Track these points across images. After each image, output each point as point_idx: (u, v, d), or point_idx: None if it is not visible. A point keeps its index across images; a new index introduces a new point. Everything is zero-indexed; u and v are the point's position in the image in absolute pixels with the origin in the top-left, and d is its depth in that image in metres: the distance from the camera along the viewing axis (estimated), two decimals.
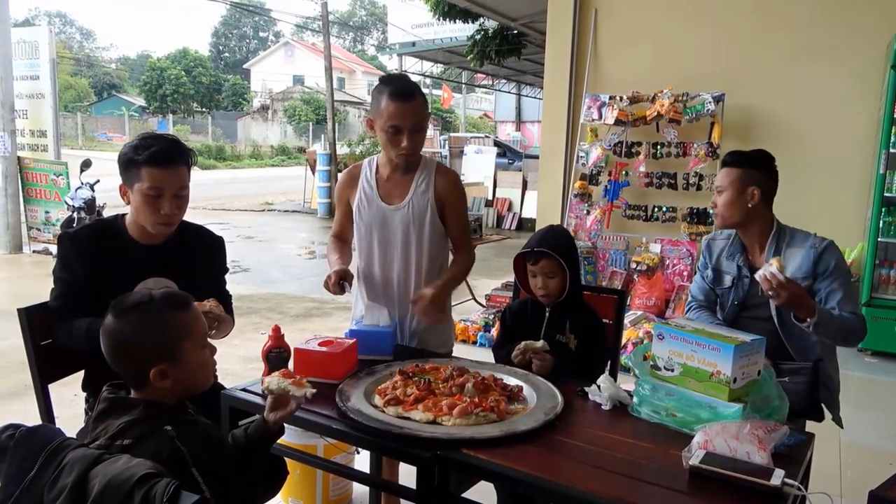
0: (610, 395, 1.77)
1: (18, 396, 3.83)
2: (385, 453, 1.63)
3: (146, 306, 1.37)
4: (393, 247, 2.30)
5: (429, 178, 2.30)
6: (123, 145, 2.00)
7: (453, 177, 2.38)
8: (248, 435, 1.57)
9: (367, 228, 2.33)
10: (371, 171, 2.35)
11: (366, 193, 2.33)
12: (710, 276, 2.43)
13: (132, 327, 1.36)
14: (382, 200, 2.30)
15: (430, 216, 2.28)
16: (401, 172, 2.30)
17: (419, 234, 2.28)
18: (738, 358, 1.59)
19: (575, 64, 5.80)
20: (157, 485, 1.05)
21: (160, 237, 2.03)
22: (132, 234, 2.02)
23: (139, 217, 1.98)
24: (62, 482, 1.13)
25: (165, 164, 1.92)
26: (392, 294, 2.32)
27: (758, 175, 2.27)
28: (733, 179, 2.27)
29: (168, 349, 1.37)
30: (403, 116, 2.15)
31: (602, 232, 5.60)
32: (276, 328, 1.86)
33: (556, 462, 1.50)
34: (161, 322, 1.37)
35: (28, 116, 8.50)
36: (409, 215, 2.28)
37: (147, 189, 1.91)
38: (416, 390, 1.73)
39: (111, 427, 1.28)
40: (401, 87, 2.18)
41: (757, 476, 1.36)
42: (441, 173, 2.33)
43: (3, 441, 1.21)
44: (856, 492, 2.08)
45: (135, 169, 1.92)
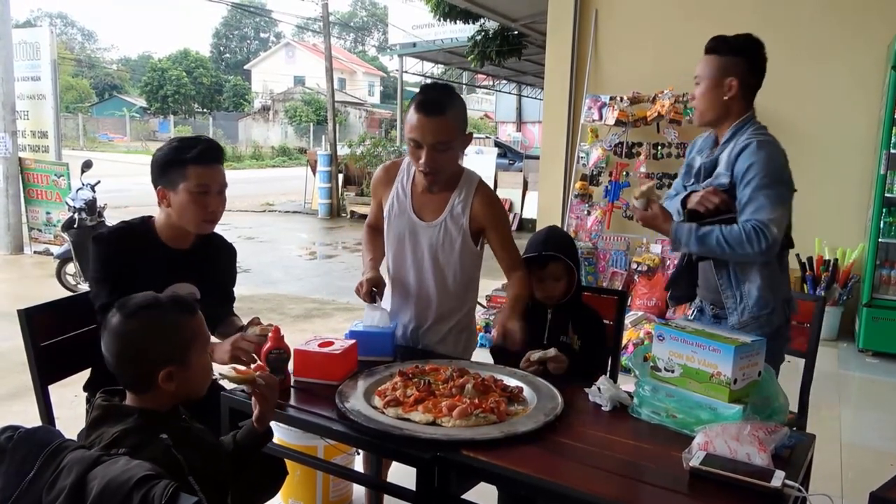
0: (610, 397, 1.77)
1: (19, 398, 3.83)
2: (385, 455, 1.63)
3: (157, 308, 1.38)
4: (417, 260, 2.21)
5: (467, 198, 2.15)
6: (159, 149, 2.04)
7: (492, 197, 2.22)
8: (237, 440, 1.57)
9: (395, 236, 2.23)
10: (408, 178, 2.21)
11: (398, 200, 2.21)
12: (682, 171, 2.31)
13: (145, 328, 1.36)
14: (415, 213, 2.19)
15: (461, 240, 2.15)
16: (438, 189, 2.15)
17: (448, 255, 2.17)
18: (738, 359, 1.58)
19: (575, 64, 5.80)
20: (155, 486, 1.05)
21: (188, 241, 2.08)
22: (162, 236, 2.05)
23: (184, 218, 2.00)
24: (61, 484, 1.13)
25: (211, 162, 1.99)
26: (411, 304, 2.26)
27: (739, 63, 2.05)
28: (711, 69, 2.07)
29: (178, 352, 1.38)
30: (423, 131, 1.98)
31: (602, 232, 5.60)
32: (276, 329, 1.86)
33: (557, 463, 1.50)
34: (173, 324, 1.39)
35: (29, 117, 8.51)
36: (439, 236, 2.16)
37: (195, 187, 1.96)
38: (416, 391, 1.73)
39: (105, 436, 1.28)
40: (429, 98, 2.00)
41: (757, 477, 1.35)
42: (480, 193, 2.17)
43: (1, 442, 1.20)
44: (856, 493, 2.07)
45: (179, 169, 1.96)
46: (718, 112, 2.09)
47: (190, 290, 2.06)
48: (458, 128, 2.05)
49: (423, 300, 2.24)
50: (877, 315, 4.84)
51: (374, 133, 24.34)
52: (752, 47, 2.08)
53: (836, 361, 4.77)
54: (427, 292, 2.23)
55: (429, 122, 1.98)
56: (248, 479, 1.54)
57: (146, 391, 1.37)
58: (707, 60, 2.08)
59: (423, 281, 2.22)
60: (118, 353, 1.36)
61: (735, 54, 2.05)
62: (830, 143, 5.05)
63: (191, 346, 1.40)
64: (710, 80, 2.06)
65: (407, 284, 2.25)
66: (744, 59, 2.06)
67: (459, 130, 2.06)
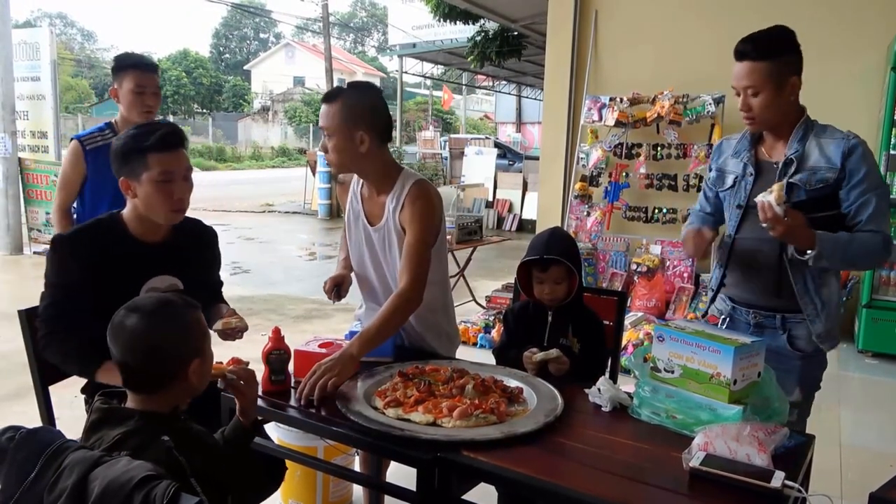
0: (610, 397, 1.77)
1: (19, 398, 3.83)
2: (385, 455, 1.63)
3: (172, 306, 1.41)
4: (376, 263, 2.24)
5: (399, 199, 2.12)
6: (117, 138, 1.93)
7: (416, 196, 2.10)
8: (225, 436, 1.58)
9: (355, 243, 2.27)
10: (359, 184, 2.25)
11: (353, 208, 2.26)
12: (713, 177, 2.20)
13: (172, 326, 1.39)
14: (366, 218, 2.22)
15: (397, 240, 2.14)
16: (376, 192, 2.17)
17: (392, 256, 2.17)
18: (738, 360, 1.59)
19: (575, 65, 5.80)
20: (156, 487, 1.05)
21: (161, 233, 1.98)
22: (133, 230, 1.95)
23: (151, 208, 1.90)
24: (62, 484, 1.13)
25: (172, 148, 1.89)
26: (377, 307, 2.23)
27: (793, 60, 1.96)
28: (769, 75, 1.93)
29: (200, 345, 1.43)
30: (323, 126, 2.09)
31: (602, 233, 5.60)
32: (276, 330, 1.86)
33: (557, 464, 1.50)
34: (192, 319, 1.43)
35: (29, 118, 8.50)
36: (383, 239, 2.18)
37: (158, 175, 1.86)
38: (416, 392, 1.73)
39: (106, 438, 1.28)
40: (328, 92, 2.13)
41: (757, 478, 1.35)
42: (410, 193, 2.11)
43: (2, 443, 1.21)
44: (856, 493, 2.07)
45: (139, 158, 1.85)
46: (785, 115, 2.01)
47: (171, 282, 1.99)
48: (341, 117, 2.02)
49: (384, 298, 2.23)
50: (876, 316, 4.84)
51: None
52: (795, 39, 2.00)
53: (835, 362, 4.77)
54: (389, 292, 2.16)
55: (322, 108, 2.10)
56: (246, 478, 1.54)
57: (161, 390, 1.38)
58: (756, 68, 1.94)
59: (384, 284, 2.24)
60: (146, 352, 1.36)
61: (789, 52, 1.97)
62: None
63: (207, 337, 1.46)
64: (772, 86, 1.94)
65: (372, 289, 2.29)
66: (796, 53, 1.98)
67: (343, 121, 2.02)
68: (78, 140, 2.84)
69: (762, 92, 1.95)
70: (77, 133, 2.92)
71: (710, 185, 2.23)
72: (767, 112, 1.98)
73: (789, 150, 2.02)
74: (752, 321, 2.12)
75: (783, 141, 2.05)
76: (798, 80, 1.98)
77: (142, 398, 1.38)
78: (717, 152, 2.23)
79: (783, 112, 2.00)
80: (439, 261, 2.24)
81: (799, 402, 2.07)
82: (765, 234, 1.93)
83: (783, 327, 2.08)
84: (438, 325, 2.29)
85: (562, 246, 2.17)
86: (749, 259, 2.10)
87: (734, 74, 2.01)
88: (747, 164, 2.09)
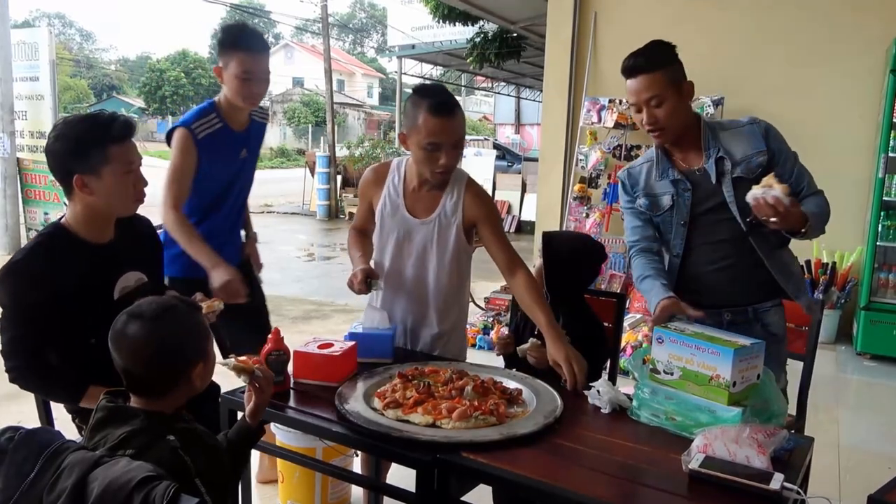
0: (609, 399, 1.77)
1: (16, 399, 3.80)
2: (384, 456, 1.63)
3: (174, 309, 1.40)
4: (413, 258, 2.22)
5: (459, 195, 2.18)
6: (60, 136, 1.79)
7: (482, 194, 2.25)
8: (230, 438, 1.57)
9: (387, 236, 2.24)
10: (399, 177, 2.24)
11: (391, 200, 2.23)
12: (645, 203, 2.16)
13: (178, 328, 1.38)
14: (408, 212, 2.21)
15: (454, 235, 2.18)
16: (428, 186, 2.19)
17: (441, 252, 2.19)
18: (737, 361, 1.59)
19: (574, 67, 5.81)
20: (156, 488, 1.05)
21: (108, 233, 1.92)
22: (82, 235, 1.86)
23: (112, 202, 1.84)
24: (61, 485, 1.13)
25: (129, 139, 1.84)
26: (404, 303, 2.27)
27: (680, 67, 2.02)
28: (667, 83, 1.97)
29: (204, 347, 1.43)
30: (444, 132, 2.01)
31: (601, 235, 5.60)
32: (275, 331, 1.86)
33: (556, 465, 1.50)
34: (196, 322, 1.43)
35: (27, 118, 8.49)
36: (433, 233, 2.18)
37: (122, 167, 1.80)
38: (415, 393, 1.73)
39: (111, 437, 1.27)
40: (442, 100, 2.03)
41: (756, 480, 1.36)
42: (471, 189, 2.20)
43: (2, 444, 1.20)
44: (855, 495, 2.08)
45: (99, 150, 1.77)
46: (687, 120, 2.05)
47: (138, 276, 1.95)
48: (465, 122, 2.12)
49: (419, 299, 2.25)
50: (875, 318, 4.85)
51: (373, 135, 24.36)
52: (671, 46, 2.05)
53: (834, 365, 4.78)
54: (423, 290, 2.24)
55: (449, 123, 2.02)
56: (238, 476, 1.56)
57: (169, 392, 1.37)
58: (654, 79, 1.97)
59: (419, 279, 2.23)
60: (151, 356, 1.35)
61: (675, 60, 2.03)
62: (829, 146, 5.06)
63: (210, 339, 1.46)
64: (674, 91, 1.98)
65: (403, 283, 2.26)
66: (678, 61, 2.04)
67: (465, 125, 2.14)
68: (186, 128, 2.41)
69: (666, 100, 1.98)
70: (178, 121, 2.47)
71: (644, 211, 2.18)
72: (675, 119, 2.00)
73: (711, 150, 2.06)
74: (727, 319, 2.13)
75: (694, 148, 2.08)
76: (691, 84, 2.03)
77: (146, 400, 1.37)
78: (631, 182, 2.21)
79: (686, 117, 2.04)
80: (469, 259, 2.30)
81: (783, 386, 2.10)
82: (719, 237, 2.06)
83: (756, 318, 2.13)
84: (462, 328, 2.39)
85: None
86: (706, 267, 2.13)
87: (630, 91, 2.03)
88: (680, 180, 2.09)
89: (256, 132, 2.67)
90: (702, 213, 2.09)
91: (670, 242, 2.16)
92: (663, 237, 2.20)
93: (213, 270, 2.26)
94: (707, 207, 2.09)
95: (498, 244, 2.17)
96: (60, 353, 1.83)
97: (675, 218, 2.12)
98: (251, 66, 2.39)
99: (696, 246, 2.13)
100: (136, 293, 1.87)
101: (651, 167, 2.16)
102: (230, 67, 2.39)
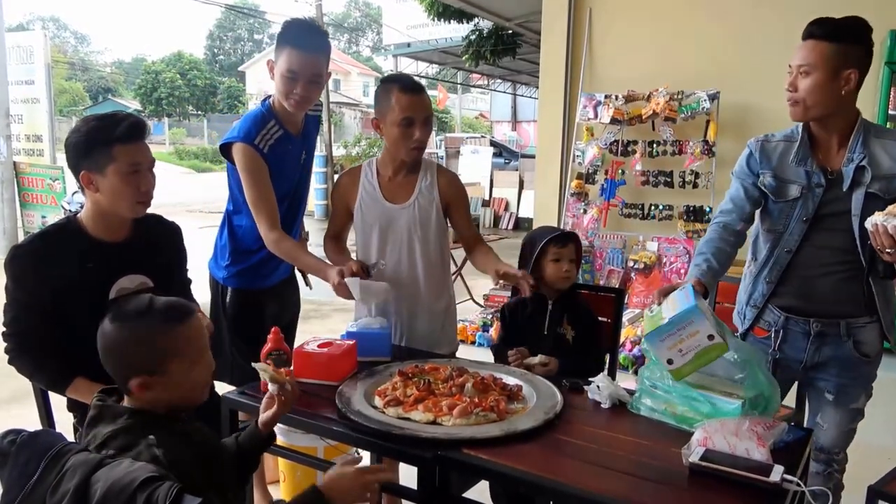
0: (609, 394, 1.78)
1: (17, 401, 3.83)
2: (386, 454, 1.64)
3: (142, 317, 1.33)
4: (397, 245, 2.31)
5: (432, 177, 2.34)
6: (74, 130, 1.84)
7: (454, 177, 2.43)
8: (240, 443, 1.56)
9: (369, 228, 2.32)
10: (372, 173, 2.35)
11: (367, 193, 2.33)
12: (772, 185, 1.99)
13: (122, 336, 1.32)
14: (387, 200, 2.32)
15: (435, 214, 2.31)
16: (404, 173, 2.32)
17: (425, 231, 2.30)
18: (658, 343, 1.62)
19: (570, 63, 5.81)
20: (159, 488, 1.05)
21: (123, 232, 1.93)
22: (93, 232, 1.88)
23: (116, 202, 1.84)
24: (64, 487, 1.13)
25: (138, 139, 1.85)
26: (398, 290, 2.29)
27: (859, 53, 1.83)
28: (827, 57, 1.81)
29: (153, 363, 1.32)
30: (415, 108, 2.19)
31: (599, 230, 5.61)
32: (275, 330, 1.86)
33: (557, 461, 1.51)
34: (151, 335, 1.32)
35: (23, 121, 8.50)
36: (415, 214, 2.29)
37: (126, 167, 1.80)
38: (416, 391, 1.74)
39: (98, 436, 1.27)
40: (410, 81, 2.27)
41: (756, 472, 1.36)
42: (443, 174, 2.38)
43: (4, 446, 1.21)
44: (854, 487, 2.08)
45: (104, 150, 1.79)
46: (831, 108, 1.86)
47: (140, 280, 1.93)
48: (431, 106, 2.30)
49: (411, 282, 2.31)
50: None
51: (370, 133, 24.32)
52: (868, 34, 1.87)
53: None
54: (413, 273, 2.31)
55: (418, 99, 2.21)
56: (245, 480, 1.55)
57: (129, 394, 1.35)
58: (816, 47, 1.82)
59: (408, 263, 2.30)
60: (101, 355, 1.34)
61: (855, 42, 1.84)
62: None
63: (171, 356, 1.33)
64: (826, 70, 1.81)
65: (392, 271, 2.30)
66: (864, 48, 1.86)
67: None
68: (250, 144, 2.26)
69: (813, 73, 1.84)
70: (236, 133, 2.30)
71: (760, 191, 2.03)
72: (814, 96, 1.85)
73: (855, 155, 1.89)
74: (814, 330, 2.01)
75: (840, 145, 1.93)
76: (856, 76, 1.84)
77: (128, 398, 1.36)
78: (762, 156, 2.03)
79: (831, 104, 1.86)
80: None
81: (861, 409, 2.07)
82: (834, 244, 1.91)
83: (848, 334, 1.99)
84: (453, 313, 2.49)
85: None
86: (814, 271, 1.99)
87: (794, 53, 1.92)
88: (815, 174, 1.93)
89: (312, 129, 2.55)
90: (825, 215, 1.94)
91: (784, 236, 2.00)
92: (774, 227, 2.02)
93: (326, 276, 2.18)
94: (831, 211, 1.93)
95: (466, 225, 2.41)
96: (54, 341, 1.84)
97: (797, 212, 1.97)
98: (296, 66, 2.24)
99: (808, 246, 1.98)
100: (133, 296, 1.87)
101: (790, 148, 1.99)
102: (279, 63, 2.28)
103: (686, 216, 5.29)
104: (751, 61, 5.16)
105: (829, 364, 2.03)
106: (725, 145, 5.19)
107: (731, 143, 5.23)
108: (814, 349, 2.03)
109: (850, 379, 2.02)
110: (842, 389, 2.03)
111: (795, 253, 1.99)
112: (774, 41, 5.14)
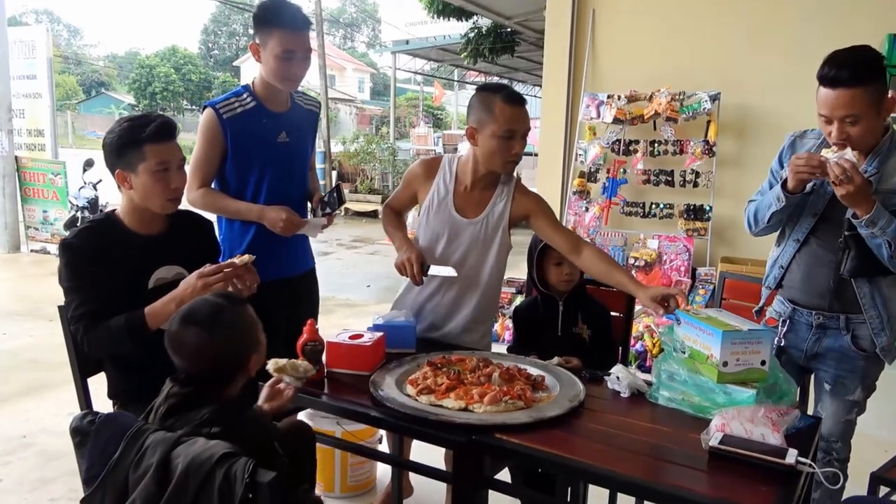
0: (628, 384, 1.87)
1: (29, 395, 3.83)
2: (422, 438, 1.73)
3: (225, 311, 1.49)
4: (455, 256, 2.29)
5: (508, 194, 2.29)
6: (109, 131, 1.96)
7: (529, 190, 2.35)
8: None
9: (432, 232, 2.31)
10: (451, 176, 2.31)
11: (439, 196, 2.30)
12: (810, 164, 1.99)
13: (231, 333, 1.48)
14: (457, 211, 2.28)
15: (500, 235, 2.28)
16: (481, 186, 2.28)
17: (485, 251, 2.28)
18: (727, 343, 1.69)
19: (573, 63, 5.89)
20: (236, 463, 1.14)
21: (158, 226, 2.04)
22: (130, 226, 2.01)
23: (147, 199, 1.96)
24: (146, 462, 1.22)
25: (167, 139, 1.95)
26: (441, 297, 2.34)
27: (884, 79, 1.86)
28: (869, 102, 1.84)
29: (256, 339, 1.55)
30: (518, 121, 2.14)
31: (600, 228, 5.70)
32: (311, 322, 1.93)
33: (584, 445, 1.60)
34: (245, 318, 1.52)
35: (25, 116, 8.51)
36: (480, 232, 2.27)
37: (155, 166, 1.92)
38: (446, 380, 1.82)
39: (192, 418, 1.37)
40: (513, 92, 2.18)
41: (772, 455, 1.46)
42: (519, 187, 2.32)
43: (84, 426, 1.29)
44: (856, 475, 2.17)
45: (136, 149, 1.91)
46: (879, 134, 1.95)
47: (177, 271, 2.04)
48: None
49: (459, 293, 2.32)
50: None
51: (365, 129, 24.37)
52: (881, 57, 1.91)
53: None
54: (464, 285, 2.30)
55: (523, 112, 2.16)
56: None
57: (229, 384, 1.48)
58: (855, 96, 1.83)
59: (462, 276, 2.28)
60: (211, 359, 1.46)
61: (878, 76, 1.87)
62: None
63: (259, 328, 1.57)
64: (872, 112, 1.86)
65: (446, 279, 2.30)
66: (884, 74, 1.90)
67: None
68: (213, 108, 2.35)
69: (862, 119, 1.85)
70: (210, 100, 2.41)
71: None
72: (868, 138, 1.90)
73: (870, 167, 1.97)
74: (815, 322, 2.13)
75: (864, 154, 1.97)
76: (893, 100, 1.90)
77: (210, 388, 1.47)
78: (793, 149, 2.14)
79: (879, 131, 1.93)
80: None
81: (858, 401, 2.15)
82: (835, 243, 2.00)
83: (847, 327, 2.09)
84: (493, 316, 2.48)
85: None
86: (815, 265, 2.11)
87: (825, 101, 1.89)
88: None
89: (300, 118, 2.52)
90: (831, 214, 2.04)
91: (795, 226, 2.12)
92: (791, 216, 2.13)
93: (264, 218, 2.31)
94: (835, 212, 2.01)
95: (555, 230, 2.25)
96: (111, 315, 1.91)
97: (809, 206, 2.07)
98: (292, 45, 2.25)
99: (814, 240, 2.10)
100: (170, 285, 1.96)
101: (817, 146, 2.07)
102: (269, 46, 2.26)
103: (686, 215, 5.40)
104: (751, 63, 5.26)
105: (828, 355, 2.14)
106: (726, 145, 5.30)
107: (731, 144, 5.34)
108: (814, 339, 2.15)
109: (847, 371, 2.12)
110: (838, 381, 2.14)
111: (802, 244, 2.12)
112: (775, 44, 5.24)
